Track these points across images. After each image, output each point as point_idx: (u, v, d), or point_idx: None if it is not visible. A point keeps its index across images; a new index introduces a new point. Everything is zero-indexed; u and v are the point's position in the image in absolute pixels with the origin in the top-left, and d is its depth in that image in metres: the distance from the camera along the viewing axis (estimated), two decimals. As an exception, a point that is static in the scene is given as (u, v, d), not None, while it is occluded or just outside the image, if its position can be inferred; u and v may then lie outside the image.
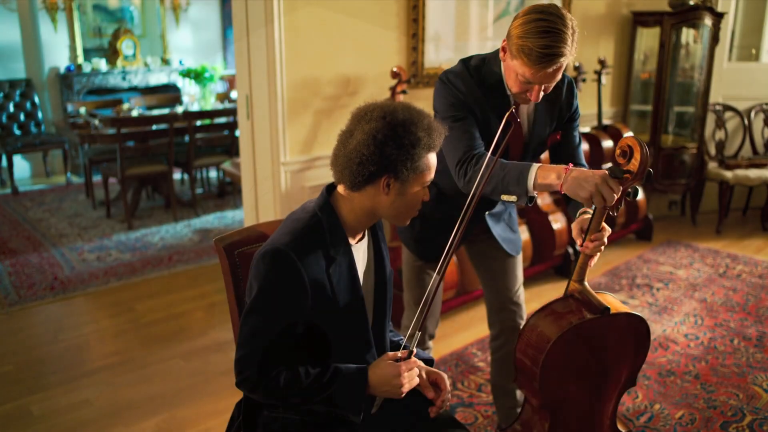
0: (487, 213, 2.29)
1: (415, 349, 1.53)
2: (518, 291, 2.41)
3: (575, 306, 1.81)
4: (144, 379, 3.16)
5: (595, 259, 1.84)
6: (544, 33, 1.68)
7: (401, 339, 1.77)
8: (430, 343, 2.54)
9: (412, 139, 1.45)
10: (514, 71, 1.81)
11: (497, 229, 2.32)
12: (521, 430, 1.94)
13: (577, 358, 1.79)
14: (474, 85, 1.98)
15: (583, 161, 2.19)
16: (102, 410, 2.90)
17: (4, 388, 3.07)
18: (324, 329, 1.52)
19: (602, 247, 1.80)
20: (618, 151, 1.65)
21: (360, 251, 1.62)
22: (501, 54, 1.90)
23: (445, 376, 1.66)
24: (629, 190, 1.66)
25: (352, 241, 1.59)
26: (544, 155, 2.27)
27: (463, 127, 1.96)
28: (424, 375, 1.59)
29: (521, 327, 2.15)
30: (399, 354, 1.52)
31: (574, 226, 1.91)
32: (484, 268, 2.43)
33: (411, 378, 1.51)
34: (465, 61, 2.04)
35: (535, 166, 1.77)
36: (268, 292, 1.45)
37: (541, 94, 1.84)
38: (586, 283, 1.83)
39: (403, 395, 1.52)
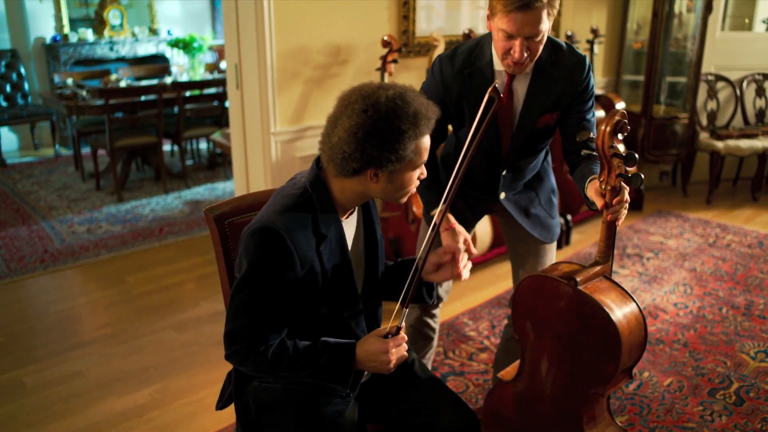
0: (504, 196, 2.24)
1: (403, 325, 1.52)
2: None
3: (570, 269, 1.83)
4: (136, 350, 3.17)
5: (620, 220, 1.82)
6: None
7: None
8: (438, 312, 2.52)
9: (394, 133, 1.40)
10: (496, 31, 1.83)
11: (520, 212, 2.26)
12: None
13: (540, 310, 1.85)
14: (460, 66, 2.03)
15: (596, 160, 2.07)
16: (95, 381, 2.91)
17: (-4, 360, 3.08)
18: (313, 302, 1.52)
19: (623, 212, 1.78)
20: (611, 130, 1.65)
21: (350, 225, 1.61)
22: (487, 24, 1.91)
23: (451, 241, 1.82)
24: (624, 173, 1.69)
25: (342, 217, 1.57)
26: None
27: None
28: (404, 350, 1.53)
29: None
30: (387, 329, 1.51)
31: (589, 188, 1.88)
32: (513, 248, 2.42)
33: (399, 354, 1.50)
34: (459, 46, 2.08)
35: None
36: (258, 269, 1.44)
37: (525, 54, 1.83)
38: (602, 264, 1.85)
39: (392, 370, 1.52)
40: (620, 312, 1.74)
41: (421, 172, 1.54)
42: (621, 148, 1.68)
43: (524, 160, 2.19)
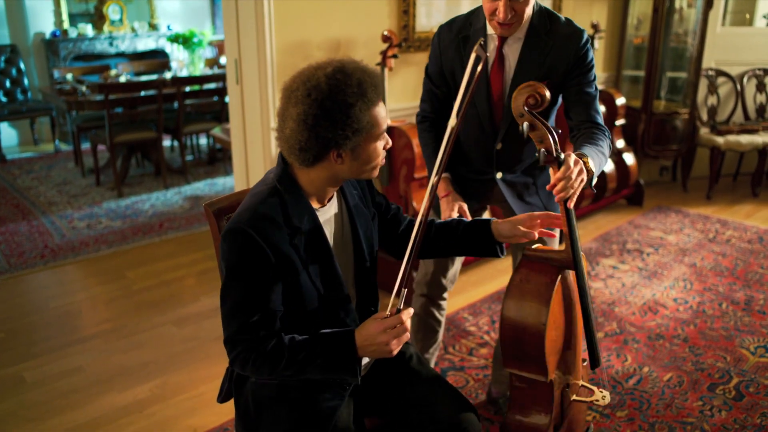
0: (500, 176, 2.21)
1: (402, 306, 1.47)
2: None
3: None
4: (136, 345, 3.17)
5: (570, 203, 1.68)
6: None
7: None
8: (444, 304, 2.50)
9: (343, 108, 1.38)
10: None
11: (515, 197, 2.24)
12: (520, 414, 1.82)
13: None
14: (456, 31, 2.11)
15: (597, 121, 2.04)
16: (95, 376, 2.91)
17: (-3, 355, 3.08)
18: (301, 295, 1.51)
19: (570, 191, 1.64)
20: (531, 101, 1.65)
21: (329, 212, 1.59)
22: None
23: None
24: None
25: (317, 205, 1.56)
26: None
27: (426, 85, 2.24)
28: (403, 331, 1.46)
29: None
30: (387, 313, 1.47)
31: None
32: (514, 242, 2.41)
33: (397, 333, 1.44)
34: (458, 15, 2.15)
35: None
36: (235, 271, 1.45)
37: (510, 15, 1.88)
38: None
39: (394, 353, 1.47)
40: (519, 304, 1.69)
41: (386, 141, 1.52)
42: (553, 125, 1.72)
43: (518, 140, 2.13)
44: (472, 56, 1.49)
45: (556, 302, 1.69)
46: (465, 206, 2.08)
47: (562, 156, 1.63)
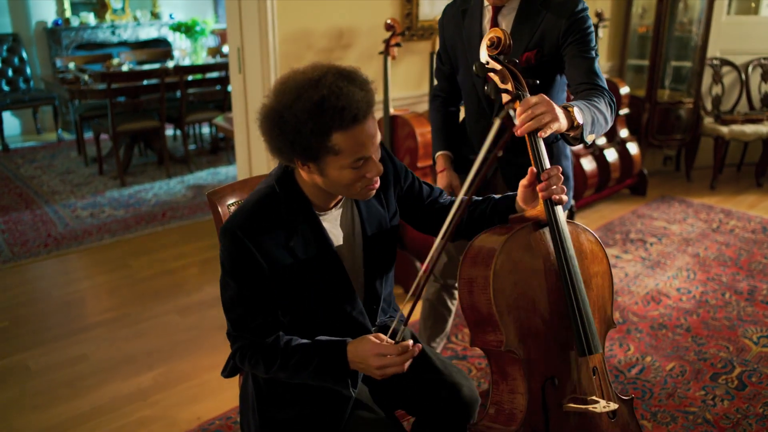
0: (501, 153, 2.16)
1: (404, 335, 1.40)
2: None
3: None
4: (140, 334, 3.18)
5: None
6: None
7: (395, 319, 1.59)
8: (456, 293, 2.47)
9: (292, 124, 1.31)
10: None
11: (513, 180, 2.16)
12: (495, 412, 1.58)
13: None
14: (458, 5, 2.14)
15: (596, 83, 1.93)
16: (99, 365, 2.92)
17: (1, 343, 3.09)
18: (300, 297, 1.50)
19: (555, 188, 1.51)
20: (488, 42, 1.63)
21: (335, 213, 1.55)
22: None
23: None
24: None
25: (321, 207, 1.52)
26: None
27: (437, 63, 2.29)
28: (395, 363, 1.39)
29: None
30: (386, 340, 1.41)
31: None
32: None
33: (389, 366, 1.37)
34: None
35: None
36: (228, 268, 1.46)
37: None
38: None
39: (379, 379, 1.43)
40: (474, 259, 1.54)
41: (365, 171, 1.38)
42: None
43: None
44: (497, 122, 1.36)
45: (522, 257, 1.50)
46: (457, 182, 2.12)
47: (522, 95, 1.54)
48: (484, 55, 1.63)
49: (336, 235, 1.55)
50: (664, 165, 5.81)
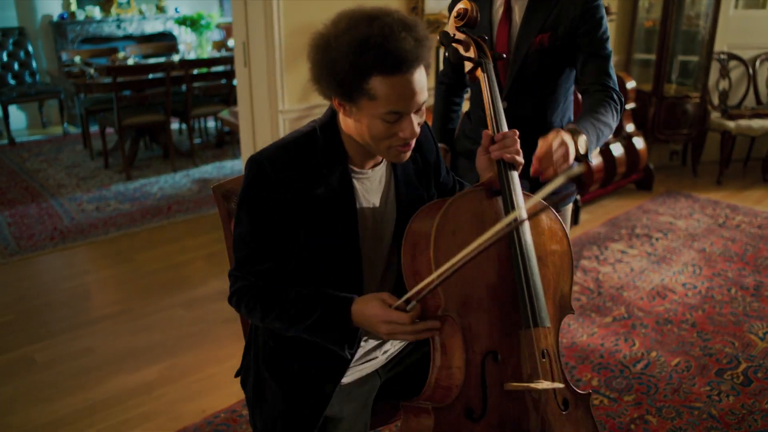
0: None
1: (414, 307, 1.31)
2: None
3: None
4: (145, 327, 3.19)
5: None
6: None
7: None
8: None
9: (333, 55, 1.26)
10: None
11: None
12: (432, 391, 1.45)
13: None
14: None
15: (606, 83, 1.95)
16: (105, 358, 2.93)
17: (7, 336, 3.10)
18: (314, 251, 1.43)
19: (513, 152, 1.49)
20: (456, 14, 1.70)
21: (372, 178, 1.48)
22: None
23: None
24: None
25: (360, 166, 1.46)
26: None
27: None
28: (402, 331, 1.33)
29: None
30: (400, 301, 1.33)
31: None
32: None
33: (397, 333, 1.32)
34: None
35: None
36: (244, 202, 1.40)
37: None
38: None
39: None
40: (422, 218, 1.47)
41: (398, 130, 1.33)
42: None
43: (524, 97, 2.08)
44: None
45: (470, 221, 1.43)
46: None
47: (484, 63, 1.60)
48: (450, 27, 1.67)
49: (367, 198, 1.48)
50: (671, 160, 5.79)
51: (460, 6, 1.64)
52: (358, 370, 1.59)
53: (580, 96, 2.07)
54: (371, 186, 1.49)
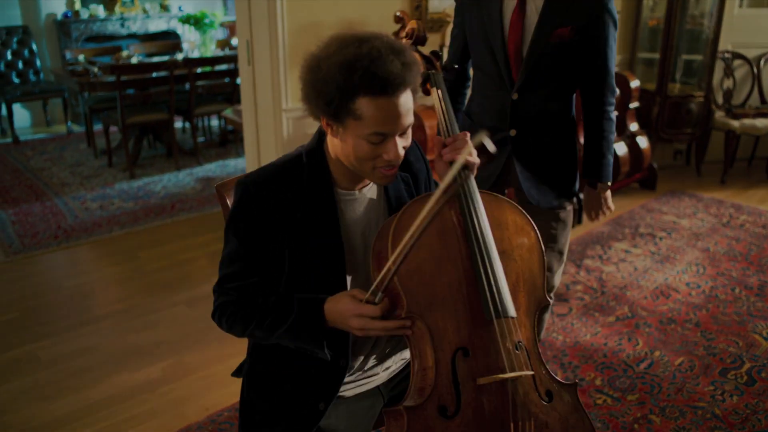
0: (514, 134, 2.15)
1: (381, 299, 1.34)
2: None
3: None
4: (149, 325, 3.19)
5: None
6: None
7: None
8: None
9: (322, 75, 1.29)
10: None
11: (521, 161, 2.18)
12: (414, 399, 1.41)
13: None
14: None
15: (606, 109, 2.12)
16: (108, 356, 2.94)
17: (12, 334, 3.11)
18: (299, 271, 1.46)
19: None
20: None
21: (363, 199, 1.51)
22: None
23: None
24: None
25: (349, 188, 1.48)
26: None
27: (453, 32, 2.28)
28: (373, 326, 1.35)
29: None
30: (369, 293, 1.34)
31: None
32: None
33: (368, 327, 1.34)
34: None
35: None
36: (232, 222, 1.45)
37: None
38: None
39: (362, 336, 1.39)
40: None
41: (382, 152, 1.34)
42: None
43: (537, 91, 2.09)
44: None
45: (435, 226, 1.44)
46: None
47: (433, 76, 1.68)
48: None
49: (355, 219, 1.50)
50: (674, 159, 5.78)
51: (408, 27, 1.72)
52: (358, 385, 1.60)
53: (583, 107, 2.13)
54: (360, 207, 1.52)
